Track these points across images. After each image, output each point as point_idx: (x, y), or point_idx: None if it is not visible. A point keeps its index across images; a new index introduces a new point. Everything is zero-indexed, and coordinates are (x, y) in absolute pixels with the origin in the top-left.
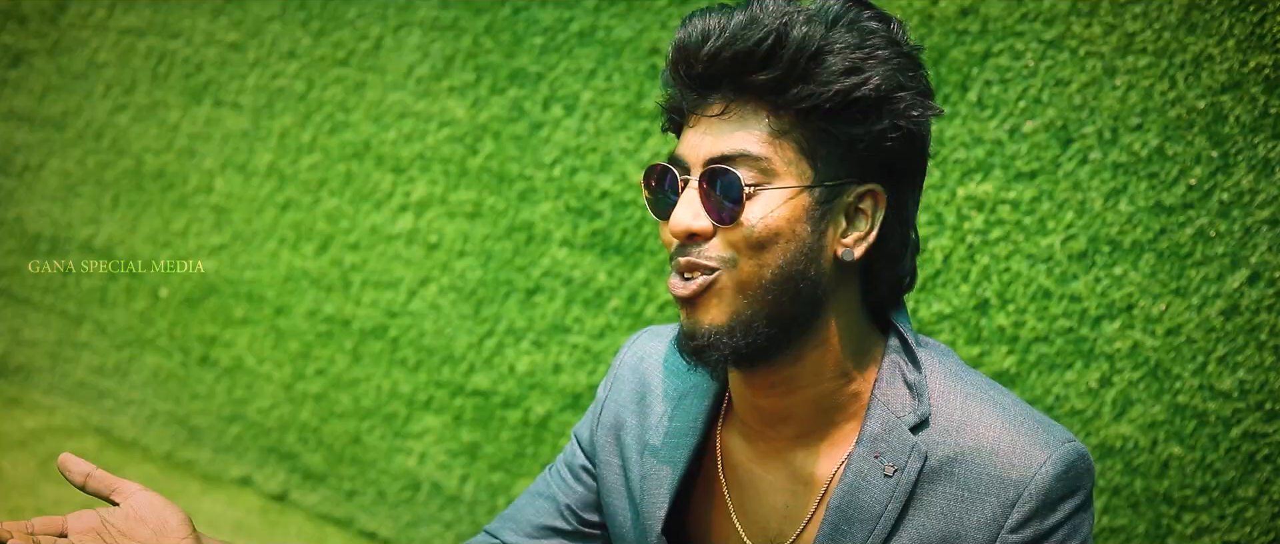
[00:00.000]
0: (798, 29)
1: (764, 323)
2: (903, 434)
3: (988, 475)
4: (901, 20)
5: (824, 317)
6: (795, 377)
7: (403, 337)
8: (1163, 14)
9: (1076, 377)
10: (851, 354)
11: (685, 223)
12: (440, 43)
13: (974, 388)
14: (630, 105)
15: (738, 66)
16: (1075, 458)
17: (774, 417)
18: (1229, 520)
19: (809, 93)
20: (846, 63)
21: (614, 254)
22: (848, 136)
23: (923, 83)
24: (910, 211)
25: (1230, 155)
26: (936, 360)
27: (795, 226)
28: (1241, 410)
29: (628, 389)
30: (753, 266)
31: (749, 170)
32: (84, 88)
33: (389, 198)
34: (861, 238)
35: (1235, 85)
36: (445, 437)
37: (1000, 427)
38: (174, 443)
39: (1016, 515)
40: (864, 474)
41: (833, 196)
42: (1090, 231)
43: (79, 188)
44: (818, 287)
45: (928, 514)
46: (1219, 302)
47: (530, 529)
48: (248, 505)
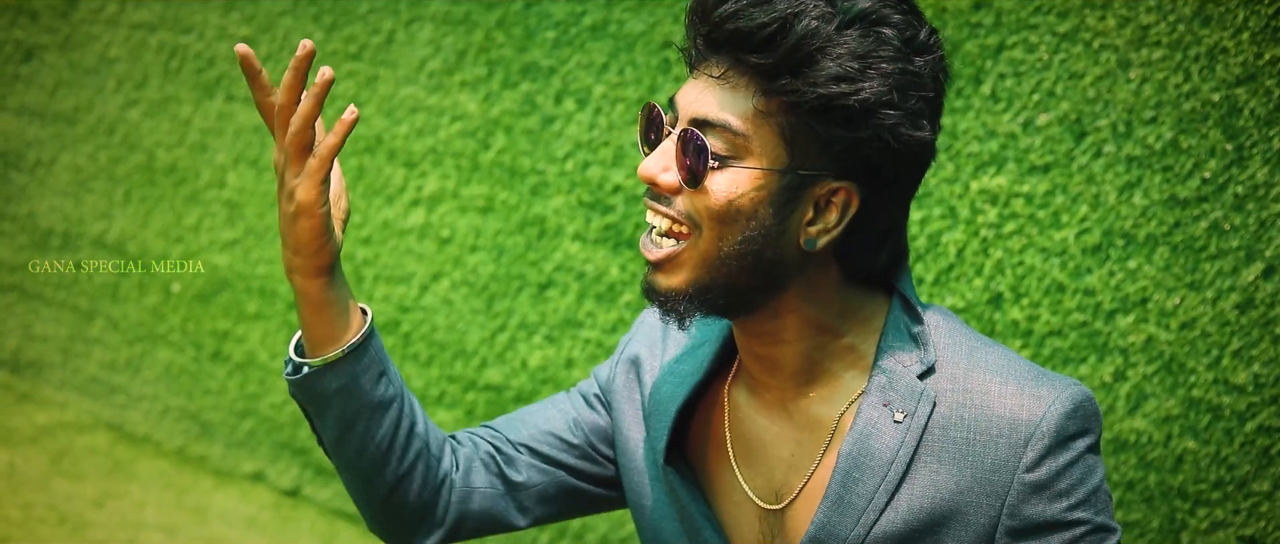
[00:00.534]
0: (805, 22)
1: (721, 293)
2: (910, 381)
3: (997, 417)
4: (935, 29)
5: (789, 292)
6: (777, 331)
7: (415, 332)
8: (1177, 6)
9: (1090, 371)
10: (835, 316)
11: (653, 172)
12: (452, 37)
13: (977, 341)
14: (643, 99)
15: (737, 41)
16: (1083, 398)
17: (769, 363)
18: (1243, 515)
19: (794, 88)
20: (840, 69)
21: (626, 248)
22: (828, 135)
23: (924, 103)
24: (892, 212)
25: (1245, 148)
26: (939, 317)
27: (758, 208)
28: (1256, 404)
29: (648, 333)
30: (712, 237)
31: (725, 143)
32: (96, 83)
33: (401, 192)
34: (826, 230)
35: (1250, 78)
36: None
37: (1007, 371)
38: (186, 438)
39: (1030, 454)
40: (874, 422)
41: (803, 185)
42: (1104, 225)
43: (91, 183)
44: (776, 267)
45: (939, 459)
46: (1234, 295)
47: (537, 432)
48: (260, 501)
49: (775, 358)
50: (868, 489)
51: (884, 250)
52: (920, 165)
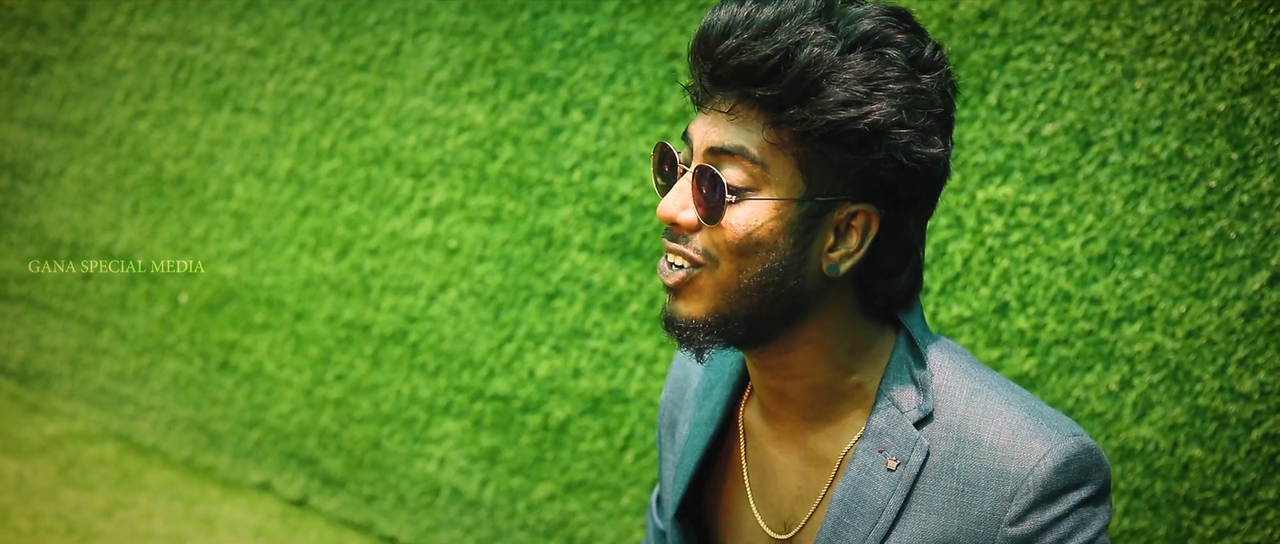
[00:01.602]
0: (807, 50)
1: (741, 323)
2: (907, 429)
3: (987, 470)
4: (939, 44)
5: (809, 320)
6: (790, 364)
7: (422, 342)
8: (1182, 16)
9: (1096, 379)
10: (847, 351)
11: (671, 212)
12: (459, 48)
13: (981, 384)
14: (650, 110)
15: (742, 75)
16: (1079, 450)
17: (780, 396)
18: (1250, 523)
19: (802, 117)
20: (847, 94)
21: (633, 258)
22: (842, 160)
23: (934, 119)
24: (912, 232)
25: (1250, 157)
26: (946, 357)
27: (778, 238)
28: (1262, 412)
29: (673, 389)
30: (731, 270)
31: (742, 172)
32: (104, 94)
33: (408, 203)
34: (848, 254)
35: (1255, 88)
36: (465, 441)
37: (1003, 421)
38: (194, 448)
39: (1014, 508)
40: (868, 468)
41: (822, 211)
42: (1110, 234)
43: (99, 194)
44: (798, 296)
45: (929, 509)
46: (1239, 304)
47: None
48: (267, 511)
49: (786, 391)
50: (857, 536)
51: (903, 274)
52: (936, 181)
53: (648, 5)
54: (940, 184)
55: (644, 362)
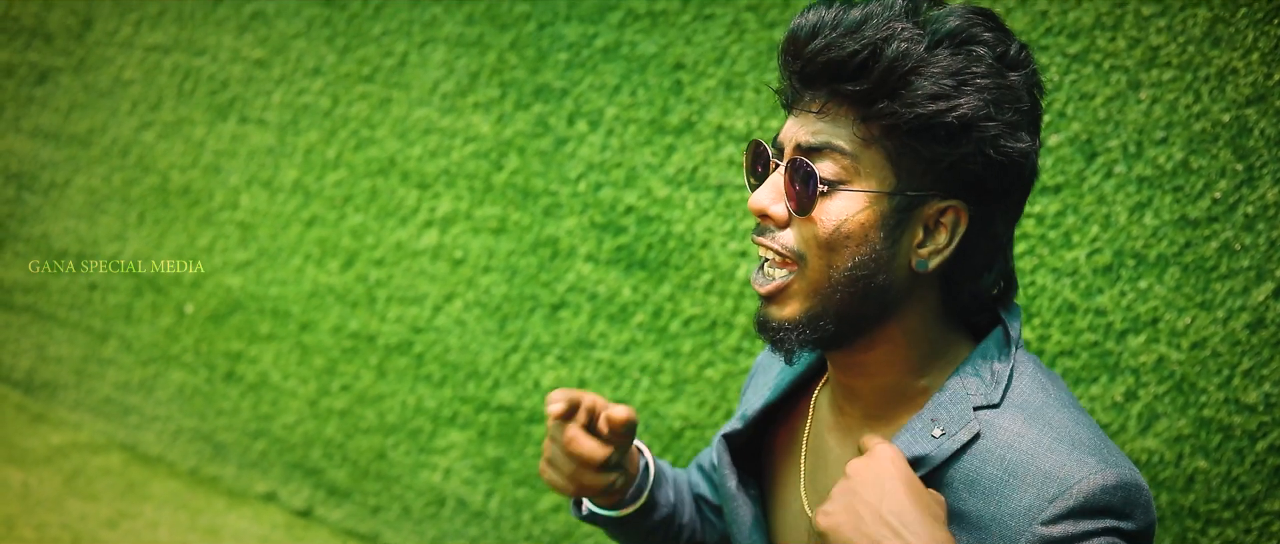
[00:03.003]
0: (895, 45)
1: (832, 319)
2: (964, 408)
3: (1036, 469)
4: (1025, 44)
5: (895, 318)
6: (866, 363)
7: (428, 352)
8: (1187, 28)
9: (1102, 391)
10: (922, 355)
11: (763, 204)
12: (465, 59)
13: (1053, 401)
14: (655, 120)
15: (831, 72)
16: (1132, 482)
17: (849, 392)
18: (1255, 534)
19: (891, 110)
20: (936, 88)
21: (639, 269)
22: (932, 154)
23: (1021, 115)
24: (1000, 229)
25: (1255, 168)
26: (1030, 367)
27: (868, 232)
28: (1267, 424)
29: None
30: (821, 266)
31: (834, 165)
32: (110, 105)
33: (414, 214)
34: (937, 251)
35: (1260, 99)
36: (470, 452)
37: (1067, 434)
38: (199, 459)
39: (1053, 509)
40: (915, 430)
41: (912, 206)
42: (1115, 245)
43: (105, 205)
44: (887, 292)
45: (970, 489)
46: (1244, 315)
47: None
48: (272, 521)
49: (856, 389)
50: None
51: (992, 273)
52: (1025, 177)
53: (653, 16)
54: (1029, 183)
55: (649, 372)
